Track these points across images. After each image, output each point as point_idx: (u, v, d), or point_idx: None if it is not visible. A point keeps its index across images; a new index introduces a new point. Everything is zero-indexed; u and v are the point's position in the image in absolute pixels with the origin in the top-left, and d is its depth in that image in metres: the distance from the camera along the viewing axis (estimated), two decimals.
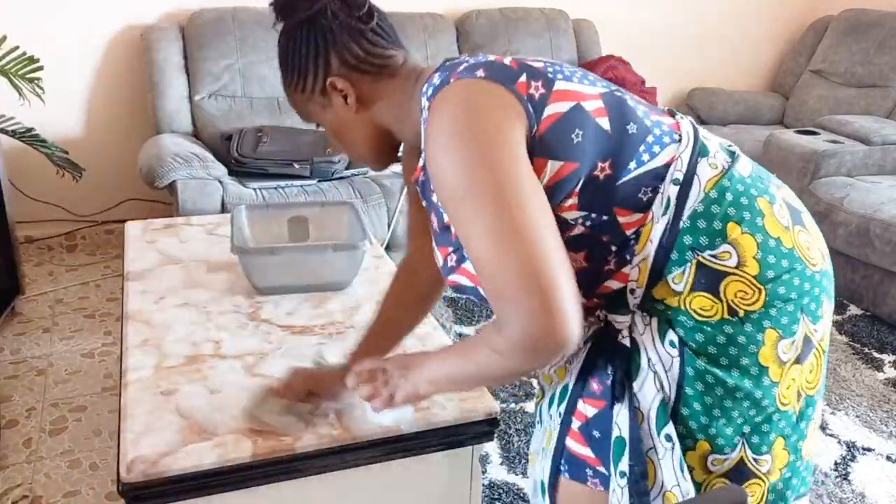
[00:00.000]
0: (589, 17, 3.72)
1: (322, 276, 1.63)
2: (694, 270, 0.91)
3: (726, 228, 0.91)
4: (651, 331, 0.95)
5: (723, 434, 0.94)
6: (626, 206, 0.91)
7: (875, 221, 2.73)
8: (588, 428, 0.99)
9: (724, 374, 0.92)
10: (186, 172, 2.50)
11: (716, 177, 0.93)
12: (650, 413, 0.94)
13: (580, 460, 1.01)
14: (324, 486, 1.22)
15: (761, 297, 0.91)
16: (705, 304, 0.91)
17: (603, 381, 0.98)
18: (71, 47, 3.01)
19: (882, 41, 3.66)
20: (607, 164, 0.90)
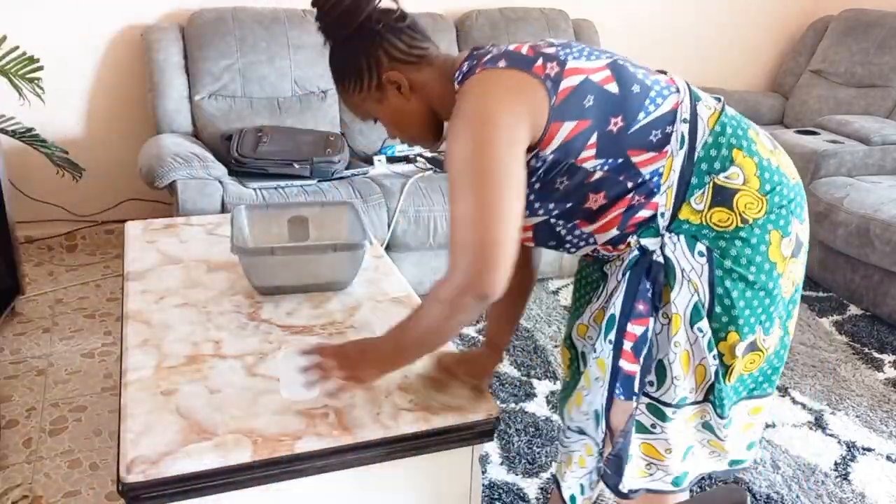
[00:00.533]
0: (589, 17, 3.72)
1: (322, 276, 1.63)
2: (711, 191, 1.14)
3: (732, 154, 1.15)
4: (681, 246, 1.15)
5: (747, 322, 1.16)
6: (638, 148, 1.13)
7: (875, 221, 2.73)
8: (638, 345, 1.18)
9: (745, 272, 1.14)
10: (186, 172, 2.50)
11: (714, 115, 1.17)
12: (686, 312, 1.15)
13: (631, 378, 1.19)
14: (324, 486, 1.22)
15: (764, 206, 1.15)
16: (723, 217, 1.14)
17: (647, 300, 1.16)
18: (71, 47, 3.01)
19: (882, 41, 3.66)
20: (619, 119, 1.12)
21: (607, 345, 1.22)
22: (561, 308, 2.83)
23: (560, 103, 1.09)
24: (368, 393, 1.29)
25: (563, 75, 1.10)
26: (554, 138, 1.10)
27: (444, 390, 1.32)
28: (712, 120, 1.16)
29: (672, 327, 1.16)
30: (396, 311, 1.58)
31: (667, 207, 1.15)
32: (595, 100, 1.10)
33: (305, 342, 1.44)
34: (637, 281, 1.17)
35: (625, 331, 1.19)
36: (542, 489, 1.88)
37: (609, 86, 1.12)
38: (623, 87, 1.12)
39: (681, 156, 1.13)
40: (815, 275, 3.11)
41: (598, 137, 1.11)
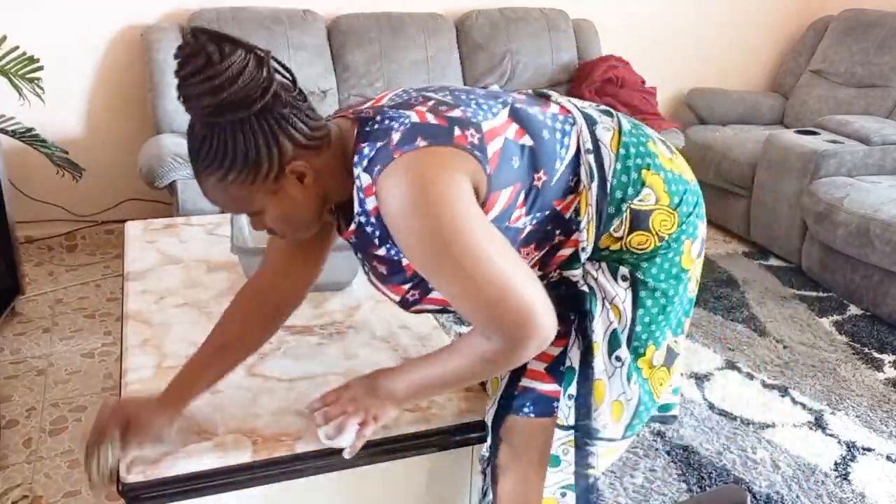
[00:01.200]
0: (589, 17, 3.72)
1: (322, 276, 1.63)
2: (629, 217, 1.13)
3: (641, 175, 1.13)
4: (603, 272, 1.15)
5: (663, 333, 1.19)
6: (561, 197, 1.10)
7: (875, 221, 2.73)
8: (553, 365, 1.17)
9: (666, 286, 1.17)
10: (186, 172, 2.50)
11: (614, 137, 1.14)
12: (603, 343, 1.14)
13: (548, 397, 1.17)
14: (324, 486, 1.22)
15: (676, 221, 1.16)
16: (642, 240, 1.14)
17: (564, 322, 1.13)
18: (71, 47, 3.01)
19: (882, 41, 3.66)
20: (542, 173, 1.08)
21: None
22: None
23: (494, 171, 1.03)
24: None
25: (486, 141, 1.03)
26: (493, 208, 1.04)
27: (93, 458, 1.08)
28: (615, 143, 1.13)
29: (591, 356, 1.14)
30: (396, 312, 1.58)
31: (588, 242, 1.13)
32: (520, 159, 1.06)
33: (305, 342, 1.44)
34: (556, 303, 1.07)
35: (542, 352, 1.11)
36: None
37: (523, 139, 1.07)
38: (535, 137, 1.08)
39: (594, 188, 1.11)
40: (815, 275, 3.11)
41: (524, 196, 1.07)
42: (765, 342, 2.64)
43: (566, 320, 1.14)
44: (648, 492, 1.89)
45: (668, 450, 2.04)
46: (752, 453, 2.05)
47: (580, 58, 3.57)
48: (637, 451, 2.03)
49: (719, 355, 2.54)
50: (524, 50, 3.44)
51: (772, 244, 3.36)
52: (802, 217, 3.12)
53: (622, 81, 3.38)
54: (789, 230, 3.23)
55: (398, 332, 1.50)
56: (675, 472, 1.96)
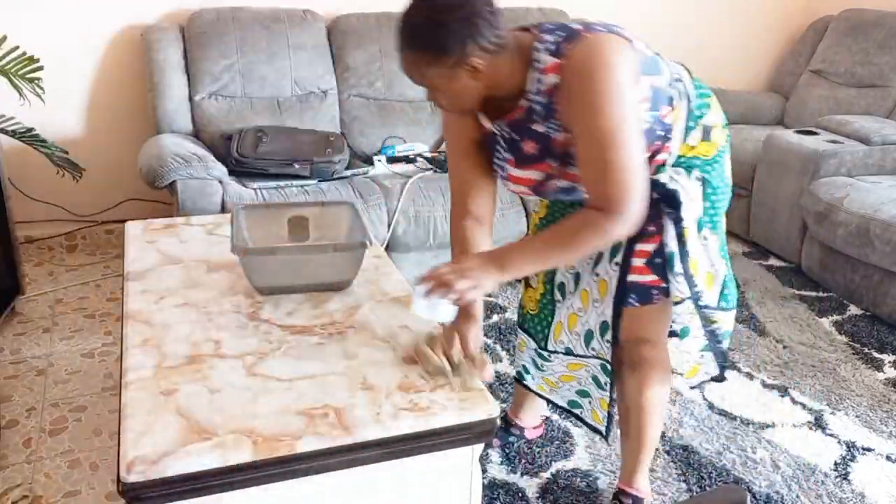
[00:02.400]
0: (589, 17, 3.72)
1: (322, 276, 1.63)
2: (700, 130, 1.47)
3: (706, 101, 1.49)
4: (682, 174, 1.47)
5: (718, 225, 1.55)
6: (664, 104, 1.40)
7: (875, 221, 2.73)
8: (652, 259, 1.49)
9: (719, 186, 1.52)
10: (186, 172, 2.50)
11: (686, 74, 1.49)
12: (692, 226, 1.46)
13: (646, 287, 1.51)
14: (324, 486, 1.22)
15: (725, 135, 1.53)
16: (708, 149, 1.49)
17: (656, 222, 1.46)
18: (71, 47, 3.02)
19: (882, 41, 3.66)
20: (657, 78, 1.38)
21: (612, 267, 1.53)
22: None
23: (643, 59, 1.35)
24: (368, 393, 1.29)
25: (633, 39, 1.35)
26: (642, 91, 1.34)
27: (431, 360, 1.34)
28: (688, 77, 1.48)
29: (685, 238, 1.46)
30: (396, 312, 1.58)
31: (675, 148, 1.44)
32: (641, 62, 1.35)
33: (305, 342, 1.44)
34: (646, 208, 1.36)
35: (634, 250, 1.49)
36: (541, 489, 1.88)
37: (644, 49, 1.38)
38: (648, 51, 1.39)
39: (682, 107, 1.43)
40: (815, 275, 3.11)
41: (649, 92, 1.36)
42: (765, 342, 2.64)
43: (657, 220, 1.46)
44: None
45: (667, 450, 2.04)
46: (752, 453, 2.05)
47: None
48: None
49: None
50: None
51: (772, 244, 3.36)
52: (802, 217, 3.12)
53: None
54: (789, 230, 3.23)
55: (398, 332, 1.50)
56: (675, 472, 1.96)
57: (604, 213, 1.28)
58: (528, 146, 1.41)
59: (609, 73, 1.26)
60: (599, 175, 1.28)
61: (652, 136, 1.40)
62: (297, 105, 3.08)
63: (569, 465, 1.98)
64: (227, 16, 3.02)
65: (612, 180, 1.27)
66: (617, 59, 1.27)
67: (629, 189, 1.27)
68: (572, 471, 1.95)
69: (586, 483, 1.91)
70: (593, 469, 1.96)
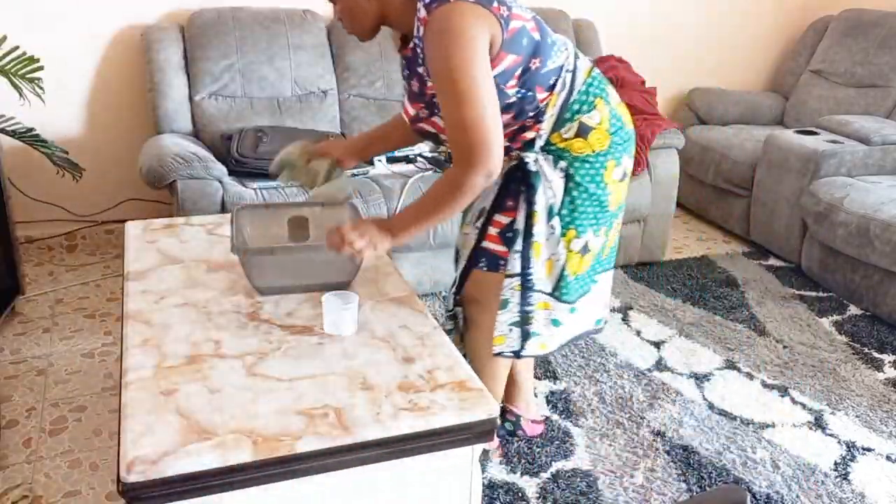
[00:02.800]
0: (589, 17, 3.72)
1: (322, 276, 1.63)
2: (577, 125, 1.56)
3: (595, 101, 1.58)
4: (549, 162, 1.58)
5: (583, 223, 1.62)
6: (540, 86, 1.52)
7: (875, 221, 2.73)
8: (504, 231, 1.62)
9: (587, 185, 1.59)
10: (186, 172, 2.50)
11: (588, 70, 1.59)
12: (542, 212, 1.58)
13: (496, 255, 1.64)
14: (324, 486, 1.22)
15: (607, 141, 1.59)
16: (581, 146, 1.57)
17: (515, 198, 1.60)
18: (71, 47, 3.01)
19: (882, 41, 3.67)
20: (538, 61, 1.49)
21: (474, 229, 1.67)
22: None
23: (509, 38, 1.42)
24: (368, 393, 1.29)
25: (511, 18, 1.43)
26: (499, 64, 1.44)
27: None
28: (587, 74, 1.58)
29: (533, 221, 1.58)
30: (396, 311, 1.58)
31: (545, 132, 1.56)
32: (527, 42, 1.46)
33: (305, 342, 1.44)
34: (509, 182, 1.59)
35: (492, 219, 1.63)
36: (541, 489, 1.88)
37: (535, 34, 1.48)
38: (542, 37, 1.49)
39: (562, 96, 1.54)
40: (815, 275, 3.11)
41: (522, 71, 1.47)
42: (765, 342, 2.64)
43: (517, 196, 1.59)
44: (648, 492, 1.89)
45: (668, 450, 2.04)
46: (752, 453, 2.05)
47: None
48: (637, 451, 2.03)
49: (719, 355, 2.55)
50: None
51: (772, 244, 3.36)
52: (802, 217, 3.12)
53: (622, 81, 3.38)
54: (789, 230, 3.23)
55: (398, 332, 1.50)
56: (675, 472, 1.96)
57: (461, 169, 1.41)
58: (414, 84, 1.56)
59: (453, 39, 1.36)
60: (452, 131, 1.41)
61: (520, 110, 1.52)
62: (297, 105, 3.08)
63: (569, 465, 1.98)
64: (227, 16, 3.02)
65: (464, 136, 1.39)
66: (463, 28, 1.36)
67: (480, 143, 1.38)
68: (572, 471, 1.95)
69: (586, 483, 1.91)
70: (593, 469, 1.96)
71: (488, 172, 1.41)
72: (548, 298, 1.67)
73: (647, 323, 2.75)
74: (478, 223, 1.66)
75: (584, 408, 2.22)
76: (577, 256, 1.64)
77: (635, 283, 3.08)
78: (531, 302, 1.65)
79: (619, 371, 2.42)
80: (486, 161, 1.39)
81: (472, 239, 1.68)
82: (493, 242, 1.64)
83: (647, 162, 3.08)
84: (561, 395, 2.28)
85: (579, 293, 1.69)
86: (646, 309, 2.86)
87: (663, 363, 2.48)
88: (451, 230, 2.71)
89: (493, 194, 1.62)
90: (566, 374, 2.39)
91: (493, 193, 1.62)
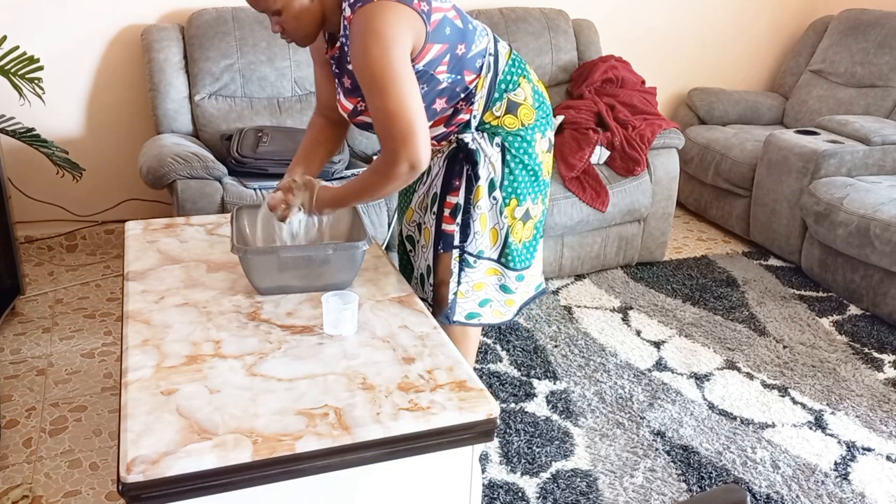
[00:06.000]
0: (589, 17, 3.72)
1: (322, 276, 1.63)
2: (506, 103, 1.69)
3: (519, 80, 1.71)
4: (485, 139, 1.70)
5: (524, 192, 1.74)
6: (469, 69, 1.62)
7: (875, 221, 2.73)
8: (455, 211, 1.72)
9: (522, 157, 1.72)
10: (186, 172, 2.50)
11: (508, 53, 1.71)
12: (485, 184, 1.70)
13: (450, 235, 1.74)
14: (324, 486, 1.22)
15: (533, 115, 1.72)
16: (512, 121, 1.70)
17: (460, 177, 1.71)
18: (71, 47, 3.02)
19: (882, 41, 3.66)
20: (463, 46, 1.59)
21: (431, 216, 1.77)
22: (561, 308, 2.83)
23: (432, 30, 1.51)
24: (368, 393, 1.29)
25: (432, 11, 1.52)
26: (427, 55, 1.53)
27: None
28: (507, 56, 1.70)
29: (476, 196, 1.69)
30: (396, 311, 1.58)
31: (478, 112, 1.67)
32: (450, 31, 1.56)
33: (305, 342, 1.44)
34: (454, 164, 1.71)
35: (445, 201, 1.73)
36: (541, 489, 1.88)
37: (457, 21, 1.58)
38: (464, 24, 1.60)
39: (489, 78, 1.65)
40: (815, 275, 3.11)
41: (450, 58, 1.57)
42: (765, 342, 2.64)
43: (460, 175, 1.70)
44: (648, 492, 1.89)
45: (668, 450, 2.04)
46: (752, 453, 2.05)
47: (580, 58, 3.57)
48: (637, 451, 2.03)
49: (719, 355, 2.55)
50: (524, 50, 3.44)
51: (772, 244, 3.36)
52: (802, 217, 3.12)
53: (622, 81, 3.38)
54: (789, 230, 3.23)
55: (398, 332, 1.50)
56: (675, 472, 1.96)
57: (386, 158, 1.49)
58: (346, 81, 1.63)
59: (375, 38, 1.42)
60: (378, 125, 1.48)
61: (452, 94, 1.62)
62: (297, 105, 3.08)
63: (569, 465, 1.98)
64: (227, 15, 3.02)
65: (389, 128, 1.46)
66: (384, 26, 1.43)
67: (404, 135, 1.45)
68: (572, 471, 1.95)
69: (586, 483, 1.91)
70: (593, 469, 1.96)
71: (412, 163, 1.47)
72: (495, 265, 1.78)
73: (647, 323, 2.75)
74: (434, 209, 1.75)
75: (584, 408, 2.22)
76: (520, 223, 1.76)
77: (635, 283, 3.08)
78: (476, 269, 1.77)
79: (619, 371, 2.42)
80: (410, 152, 1.46)
81: (431, 226, 1.77)
82: (447, 223, 1.74)
83: (647, 162, 3.08)
84: (561, 395, 2.28)
85: (524, 262, 1.81)
86: (646, 309, 2.86)
87: (663, 363, 2.48)
88: None
89: (441, 179, 1.73)
90: (566, 374, 2.39)
91: (441, 178, 1.73)
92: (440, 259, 1.78)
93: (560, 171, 2.99)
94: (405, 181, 1.51)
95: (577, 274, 3.13)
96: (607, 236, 3.10)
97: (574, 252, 3.06)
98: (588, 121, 3.12)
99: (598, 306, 2.87)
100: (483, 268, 1.78)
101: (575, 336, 2.63)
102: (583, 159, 2.98)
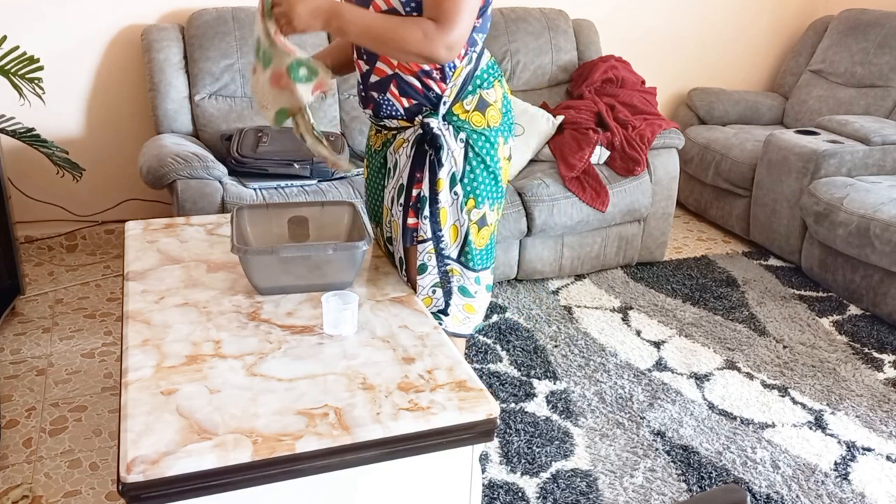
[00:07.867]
0: (589, 17, 3.72)
1: (322, 276, 1.63)
2: (478, 98, 1.67)
3: (494, 82, 1.70)
4: (450, 132, 1.66)
5: (482, 194, 1.70)
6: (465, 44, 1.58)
7: (875, 221, 2.73)
8: (415, 203, 1.69)
9: (484, 157, 1.69)
10: (186, 172, 2.50)
11: (489, 57, 1.71)
12: (446, 178, 1.67)
13: (413, 229, 1.70)
14: (324, 486, 1.22)
15: (500, 119, 1.71)
16: (479, 119, 1.68)
17: (421, 170, 1.67)
18: (71, 47, 3.02)
19: (882, 41, 3.67)
20: (479, 21, 1.59)
21: (398, 208, 1.72)
22: (561, 308, 2.83)
23: None
24: (368, 393, 1.29)
25: None
26: None
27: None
28: (489, 59, 1.70)
29: (438, 186, 1.66)
30: (396, 311, 1.58)
31: (449, 97, 1.64)
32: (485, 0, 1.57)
33: (305, 342, 1.44)
34: (416, 155, 1.67)
35: (411, 194, 1.68)
36: (541, 489, 1.88)
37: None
38: (487, 6, 1.60)
39: (467, 69, 1.64)
40: (815, 275, 3.11)
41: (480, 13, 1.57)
42: (765, 342, 2.64)
43: (423, 167, 1.67)
44: (648, 492, 1.89)
45: (668, 450, 2.04)
46: (752, 453, 2.05)
47: (580, 58, 3.57)
48: (637, 451, 2.03)
49: (719, 355, 2.55)
50: (524, 50, 3.44)
51: (772, 244, 3.36)
52: (802, 217, 3.12)
53: (622, 81, 3.38)
54: (789, 230, 3.23)
55: (398, 332, 1.50)
56: (675, 472, 1.96)
57: (435, 23, 1.45)
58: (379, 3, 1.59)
59: None
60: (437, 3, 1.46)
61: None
62: None
63: (569, 465, 1.98)
64: (227, 16, 3.02)
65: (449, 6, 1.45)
66: None
67: (460, 19, 1.45)
68: (572, 471, 1.95)
69: (586, 483, 1.91)
70: (593, 469, 1.96)
71: (452, 47, 1.47)
72: (455, 264, 1.74)
73: (647, 323, 2.75)
74: (401, 200, 1.72)
75: (584, 408, 2.22)
76: (476, 227, 1.73)
77: (635, 283, 3.08)
78: (447, 263, 1.74)
79: (619, 371, 2.42)
80: (456, 36, 1.46)
81: (399, 219, 1.73)
82: (411, 217, 1.71)
83: (647, 162, 3.08)
84: (561, 395, 2.28)
85: (484, 262, 1.78)
86: (646, 309, 2.86)
87: (663, 363, 2.48)
88: None
89: (407, 169, 1.70)
90: (566, 374, 2.39)
91: (407, 169, 1.70)
92: (408, 252, 1.75)
93: (560, 171, 2.99)
94: (427, 57, 1.47)
95: (577, 274, 3.13)
96: (607, 236, 3.11)
97: (574, 252, 3.06)
98: (588, 121, 3.12)
99: (598, 306, 2.87)
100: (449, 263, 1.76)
101: (575, 336, 2.63)
102: (583, 159, 2.98)
